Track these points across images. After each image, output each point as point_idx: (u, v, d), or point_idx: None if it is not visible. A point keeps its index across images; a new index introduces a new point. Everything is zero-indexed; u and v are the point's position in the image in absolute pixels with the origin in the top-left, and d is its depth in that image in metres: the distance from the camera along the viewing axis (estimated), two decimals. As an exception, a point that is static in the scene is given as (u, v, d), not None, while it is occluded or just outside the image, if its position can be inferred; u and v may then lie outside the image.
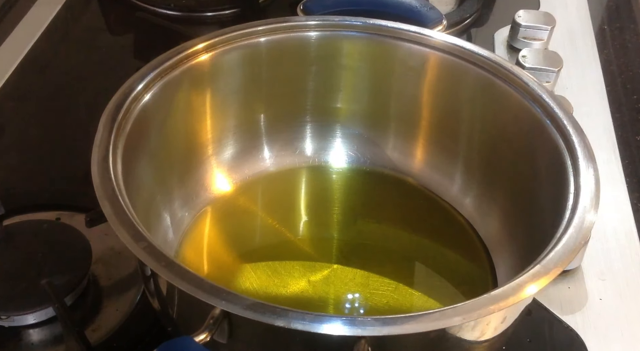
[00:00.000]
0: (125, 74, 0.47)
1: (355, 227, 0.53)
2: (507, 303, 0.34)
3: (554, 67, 0.65)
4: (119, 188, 0.39)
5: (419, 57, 0.53)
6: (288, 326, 0.32)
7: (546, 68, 0.65)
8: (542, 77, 0.65)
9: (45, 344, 0.46)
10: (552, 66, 0.65)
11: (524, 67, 0.65)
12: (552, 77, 0.66)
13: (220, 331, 0.34)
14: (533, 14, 0.73)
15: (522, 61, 0.66)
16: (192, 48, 0.50)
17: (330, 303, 0.48)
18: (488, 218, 0.52)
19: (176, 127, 0.50)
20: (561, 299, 0.51)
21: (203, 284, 0.34)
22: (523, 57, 0.66)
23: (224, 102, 0.53)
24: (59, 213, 0.54)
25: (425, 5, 0.65)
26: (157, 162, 0.49)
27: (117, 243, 0.45)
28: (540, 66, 0.65)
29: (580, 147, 0.43)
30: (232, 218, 0.53)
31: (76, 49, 0.77)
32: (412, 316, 0.33)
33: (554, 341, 0.48)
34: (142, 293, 0.48)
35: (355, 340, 0.32)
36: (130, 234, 0.36)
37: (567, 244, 0.37)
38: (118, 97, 0.45)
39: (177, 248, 0.50)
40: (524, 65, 0.65)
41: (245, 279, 0.48)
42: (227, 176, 0.55)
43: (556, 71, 0.65)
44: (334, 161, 0.57)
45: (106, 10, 0.83)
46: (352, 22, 0.53)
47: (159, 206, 0.49)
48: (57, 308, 0.44)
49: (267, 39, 0.52)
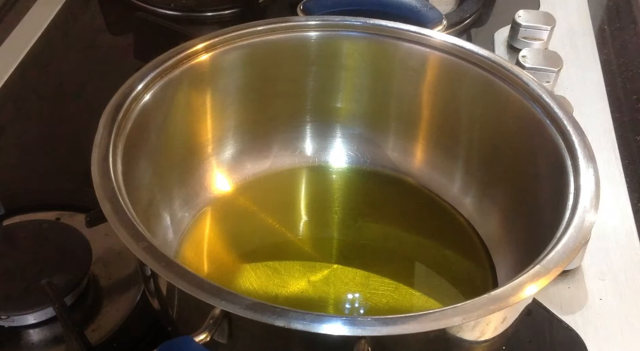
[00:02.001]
0: (125, 74, 0.47)
1: (355, 227, 0.53)
2: (507, 303, 0.34)
3: (554, 67, 0.65)
4: (119, 188, 0.39)
5: (419, 57, 0.53)
6: (288, 326, 0.32)
7: (546, 68, 0.65)
8: (542, 77, 0.65)
9: (45, 344, 0.46)
10: (552, 66, 0.65)
11: (524, 67, 0.65)
12: (552, 77, 0.66)
13: (220, 331, 0.34)
14: (533, 14, 0.73)
15: (522, 61, 0.66)
16: (192, 48, 0.50)
17: (330, 303, 0.48)
18: (488, 218, 0.52)
19: (176, 127, 0.50)
20: (561, 299, 0.51)
21: (203, 284, 0.34)
22: (523, 57, 0.66)
23: (224, 102, 0.53)
24: (59, 213, 0.54)
25: (425, 5, 0.65)
26: (157, 162, 0.49)
27: (117, 243, 0.45)
28: (540, 66, 0.65)
29: (580, 147, 0.43)
30: (232, 218, 0.53)
31: (76, 49, 0.77)
32: (412, 316, 0.33)
33: (554, 341, 0.48)
34: (142, 293, 0.48)
35: (355, 340, 0.32)
36: (130, 234, 0.36)
37: (567, 244, 0.37)
38: (118, 97, 0.45)
39: (177, 248, 0.50)
40: (524, 65, 0.65)
41: (245, 279, 0.48)
42: (227, 176, 0.55)
43: (556, 70, 0.65)
44: (334, 161, 0.57)
45: (106, 10, 0.83)
46: (352, 22, 0.53)
47: (159, 206, 0.49)
48: (57, 308, 0.44)
49: (267, 39, 0.52)
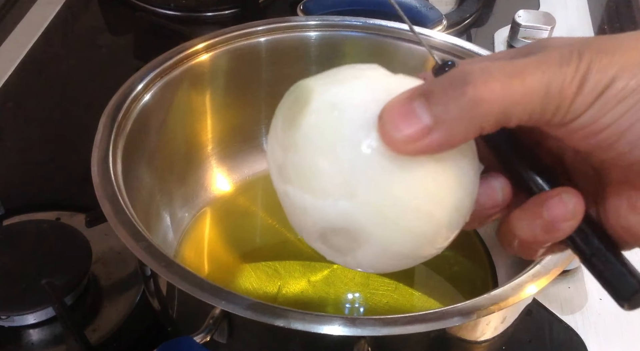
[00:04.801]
0: (125, 74, 0.47)
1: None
2: (507, 303, 0.34)
3: (554, 67, 0.65)
4: (119, 188, 0.39)
5: (419, 57, 0.53)
6: (288, 326, 0.32)
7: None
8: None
9: (45, 344, 0.46)
10: (552, 66, 0.65)
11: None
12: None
13: (220, 331, 0.34)
14: (533, 14, 0.73)
15: (522, 61, 0.66)
16: (192, 48, 0.50)
17: (330, 303, 0.48)
18: (488, 218, 0.52)
19: (176, 127, 0.50)
20: (561, 299, 0.51)
21: (203, 285, 0.34)
22: (523, 57, 0.66)
23: (224, 102, 0.53)
24: (59, 213, 0.54)
25: (425, 6, 0.65)
26: (157, 162, 0.49)
27: (117, 243, 0.45)
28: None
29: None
30: (232, 218, 0.53)
31: (76, 49, 0.77)
32: (412, 316, 0.33)
33: (554, 341, 0.48)
34: (142, 293, 0.48)
35: (355, 340, 0.32)
36: (130, 234, 0.36)
37: (567, 244, 0.37)
38: (118, 97, 0.45)
39: (177, 248, 0.50)
40: (524, 65, 0.65)
41: (245, 279, 0.48)
42: (227, 176, 0.55)
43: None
44: (334, 161, 0.57)
45: (106, 10, 0.83)
46: (352, 22, 0.53)
47: (159, 206, 0.49)
48: (57, 308, 0.44)
49: (267, 39, 0.52)
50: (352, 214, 0.23)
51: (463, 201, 0.24)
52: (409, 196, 0.23)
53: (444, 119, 0.22)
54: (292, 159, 0.24)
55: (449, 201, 0.24)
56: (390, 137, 0.22)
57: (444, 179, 0.23)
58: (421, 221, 0.24)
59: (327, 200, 0.23)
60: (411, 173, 0.23)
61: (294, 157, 0.24)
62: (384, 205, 0.23)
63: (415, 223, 0.23)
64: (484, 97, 0.21)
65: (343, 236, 0.24)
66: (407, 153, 0.22)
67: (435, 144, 0.22)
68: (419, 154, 0.22)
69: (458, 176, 0.24)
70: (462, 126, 0.22)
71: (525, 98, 0.22)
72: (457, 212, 0.24)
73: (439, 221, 0.24)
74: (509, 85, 0.22)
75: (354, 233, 0.24)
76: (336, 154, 0.23)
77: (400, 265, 0.26)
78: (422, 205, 0.23)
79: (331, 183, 0.23)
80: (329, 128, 0.23)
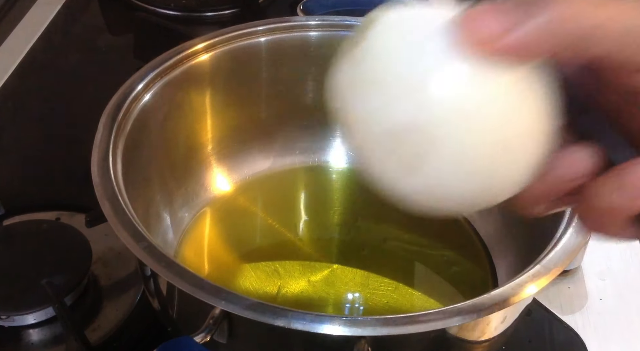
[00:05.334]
0: (125, 74, 0.47)
1: (355, 227, 0.53)
2: (507, 303, 0.34)
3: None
4: (119, 188, 0.39)
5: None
6: (288, 326, 0.32)
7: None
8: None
9: (45, 344, 0.46)
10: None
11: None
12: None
13: (220, 331, 0.34)
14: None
15: (522, 61, 0.66)
16: (192, 48, 0.50)
17: (330, 303, 0.48)
18: (488, 218, 0.52)
19: (176, 127, 0.50)
20: (561, 299, 0.51)
21: (203, 285, 0.34)
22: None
23: (224, 102, 0.53)
24: (59, 213, 0.54)
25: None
26: (157, 162, 0.49)
27: (117, 243, 0.45)
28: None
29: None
30: (232, 218, 0.53)
31: (76, 49, 0.77)
32: (412, 316, 0.33)
33: (554, 341, 0.48)
34: (142, 293, 0.48)
35: (355, 340, 0.32)
36: (130, 234, 0.36)
37: (567, 244, 0.37)
38: (118, 97, 0.45)
39: (177, 248, 0.50)
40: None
41: (245, 279, 0.48)
42: (227, 176, 0.55)
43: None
44: (334, 161, 0.57)
45: (106, 10, 0.83)
46: (352, 22, 0.53)
47: (159, 206, 0.49)
48: (57, 308, 0.44)
49: (267, 39, 0.52)
50: (428, 109, 0.23)
51: (539, 139, 0.23)
52: (483, 101, 0.23)
53: (521, 25, 0.21)
54: (364, 68, 0.24)
55: (518, 122, 0.23)
56: (466, 35, 0.21)
57: (518, 104, 0.23)
58: (495, 133, 0.23)
59: (400, 99, 0.23)
60: (486, 79, 0.22)
61: (364, 65, 0.24)
62: (457, 102, 0.22)
63: (486, 134, 0.23)
64: (565, 14, 0.20)
65: (417, 137, 0.23)
66: (480, 50, 0.21)
67: (511, 45, 0.21)
68: (492, 54, 0.21)
69: (536, 107, 0.23)
70: (538, 33, 0.20)
71: (613, 25, 0.20)
72: (531, 142, 0.23)
73: (512, 139, 0.23)
74: (598, 10, 0.20)
75: (429, 133, 0.23)
76: (409, 55, 0.23)
77: (467, 196, 0.24)
78: (495, 118, 0.23)
79: (404, 82, 0.23)
80: (398, 33, 0.23)
